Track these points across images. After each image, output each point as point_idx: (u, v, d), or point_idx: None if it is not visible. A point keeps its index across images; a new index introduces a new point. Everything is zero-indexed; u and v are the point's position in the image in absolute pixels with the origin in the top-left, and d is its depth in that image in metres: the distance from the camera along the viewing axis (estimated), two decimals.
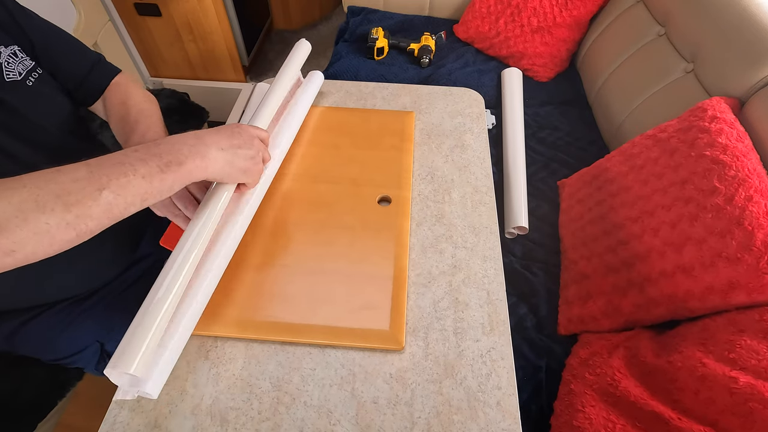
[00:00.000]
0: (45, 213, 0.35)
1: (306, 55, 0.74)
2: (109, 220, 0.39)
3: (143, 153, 0.41)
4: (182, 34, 1.61)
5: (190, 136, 0.45)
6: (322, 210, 0.63)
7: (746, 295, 0.56)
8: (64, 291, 0.66)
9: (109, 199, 0.37)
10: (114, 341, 0.69)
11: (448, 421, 0.47)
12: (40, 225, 0.35)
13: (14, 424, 0.77)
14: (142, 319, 0.42)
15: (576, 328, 0.77)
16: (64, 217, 0.35)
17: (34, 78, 0.54)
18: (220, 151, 0.46)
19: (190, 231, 0.47)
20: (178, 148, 0.43)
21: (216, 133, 0.48)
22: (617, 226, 0.76)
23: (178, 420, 0.46)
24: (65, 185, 0.36)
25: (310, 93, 0.75)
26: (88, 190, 0.37)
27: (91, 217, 0.37)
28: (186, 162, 0.43)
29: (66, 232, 0.36)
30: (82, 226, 0.37)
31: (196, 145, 0.44)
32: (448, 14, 1.53)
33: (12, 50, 0.52)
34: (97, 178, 0.37)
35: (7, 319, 0.65)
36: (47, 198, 0.35)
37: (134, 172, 0.39)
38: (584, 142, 1.16)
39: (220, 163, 0.46)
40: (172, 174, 0.41)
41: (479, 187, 0.68)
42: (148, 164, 0.40)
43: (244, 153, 0.49)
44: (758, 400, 0.47)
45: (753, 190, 0.58)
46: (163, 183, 0.41)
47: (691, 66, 0.92)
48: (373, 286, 0.55)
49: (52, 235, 0.35)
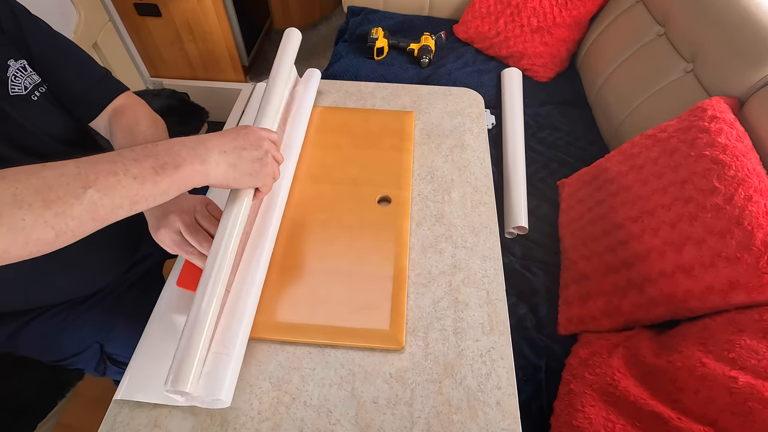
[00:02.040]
0: (21, 208, 0.32)
1: (297, 43, 0.70)
2: (94, 222, 0.36)
3: (138, 152, 0.38)
4: (182, 34, 1.61)
5: (192, 139, 0.43)
6: (322, 210, 0.63)
7: (746, 295, 0.56)
8: (64, 293, 0.66)
9: (93, 199, 0.35)
10: (114, 343, 0.69)
11: (448, 421, 0.47)
12: (15, 221, 0.32)
13: (15, 424, 0.77)
14: (189, 339, 0.43)
15: (576, 327, 0.77)
16: (42, 215, 0.33)
17: (39, 93, 0.53)
18: (223, 154, 0.44)
19: (219, 240, 0.47)
20: (177, 149, 0.40)
21: (220, 136, 0.45)
22: (617, 226, 0.76)
23: (177, 420, 0.46)
24: (48, 180, 0.33)
25: (311, 93, 0.75)
26: (71, 186, 0.34)
27: (72, 217, 0.34)
28: (183, 165, 0.40)
29: (43, 231, 0.33)
30: (61, 225, 0.34)
31: (196, 148, 0.42)
32: (447, 14, 1.54)
33: (21, 64, 0.52)
34: (84, 175, 0.35)
35: (7, 320, 0.65)
36: (26, 192, 0.32)
37: (125, 171, 0.36)
38: (584, 141, 1.16)
39: (222, 167, 0.43)
40: (168, 177, 0.39)
41: (479, 187, 0.68)
42: (142, 164, 0.37)
43: (249, 154, 0.46)
44: (758, 400, 0.47)
45: (752, 190, 0.58)
46: (156, 186, 0.38)
47: (690, 66, 0.92)
48: (373, 285, 0.55)
49: (28, 233, 0.32)
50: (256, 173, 0.47)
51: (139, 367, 0.49)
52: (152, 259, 0.78)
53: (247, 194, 0.50)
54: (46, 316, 0.66)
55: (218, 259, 0.46)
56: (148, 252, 0.77)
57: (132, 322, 0.68)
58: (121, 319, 0.69)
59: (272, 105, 0.61)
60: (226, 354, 0.45)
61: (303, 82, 0.75)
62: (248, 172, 0.46)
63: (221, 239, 0.47)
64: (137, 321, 0.54)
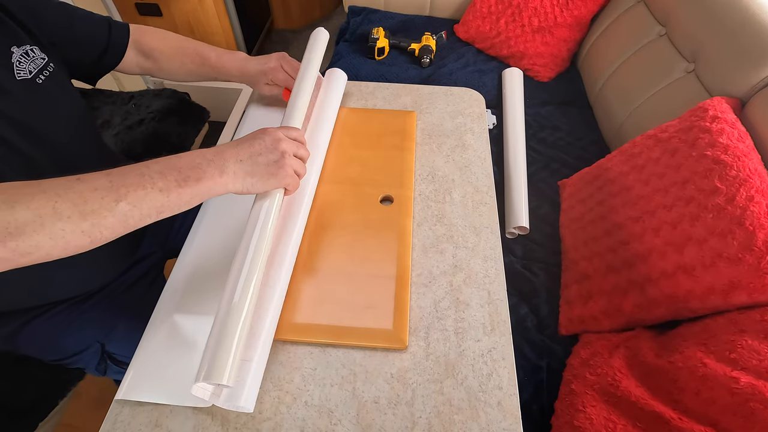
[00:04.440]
0: (61, 220, 0.36)
1: (325, 43, 0.73)
2: (124, 230, 0.40)
3: (163, 166, 0.42)
4: (183, 34, 1.61)
5: (211, 151, 0.46)
6: (325, 210, 0.63)
7: (747, 296, 0.56)
8: (65, 291, 0.66)
9: (125, 210, 0.39)
10: (115, 342, 0.69)
11: (449, 421, 0.47)
12: (56, 231, 0.36)
13: (16, 424, 0.78)
14: (223, 330, 0.43)
15: (577, 328, 0.77)
16: (79, 225, 0.37)
17: (45, 76, 0.55)
18: (239, 163, 0.46)
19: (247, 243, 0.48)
20: (198, 162, 0.44)
21: (236, 145, 0.48)
22: (618, 226, 0.76)
23: (179, 419, 0.46)
24: (84, 194, 0.37)
25: (336, 92, 0.74)
26: (105, 200, 0.38)
27: (105, 227, 0.38)
28: (204, 178, 0.43)
29: (80, 239, 0.37)
30: (96, 234, 0.38)
31: (215, 160, 0.45)
32: (448, 14, 1.54)
33: (24, 50, 0.53)
34: (116, 188, 0.39)
35: (8, 319, 0.65)
36: (65, 206, 0.36)
37: (153, 184, 0.40)
38: (585, 142, 1.16)
39: (240, 176, 0.46)
40: (189, 189, 0.42)
41: (480, 186, 0.68)
42: (167, 178, 0.41)
43: (265, 159, 0.48)
44: (759, 401, 0.47)
45: (754, 190, 0.58)
46: (180, 197, 0.42)
47: (692, 66, 0.92)
48: (375, 285, 0.55)
49: (67, 240, 0.37)
50: (275, 175, 0.49)
51: (141, 366, 0.49)
52: (153, 258, 0.78)
53: (276, 192, 0.51)
54: (46, 315, 0.66)
55: (251, 248, 0.47)
56: (149, 251, 0.77)
57: (133, 322, 0.68)
58: (122, 319, 0.69)
59: (300, 104, 0.62)
60: (248, 359, 0.45)
61: (326, 81, 0.75)
62: (266, 176, 0.49)
63: (253, 230, 0.48)
64: (138, 320, 0.54)
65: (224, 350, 0.41)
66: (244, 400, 0.43)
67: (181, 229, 0.82)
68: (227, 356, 0.41)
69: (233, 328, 0.43)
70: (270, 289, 0.50)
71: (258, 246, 0.48)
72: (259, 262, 0.47)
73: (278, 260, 0.52)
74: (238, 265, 0.47)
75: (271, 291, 0.50)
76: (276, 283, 0.50)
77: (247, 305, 0.44)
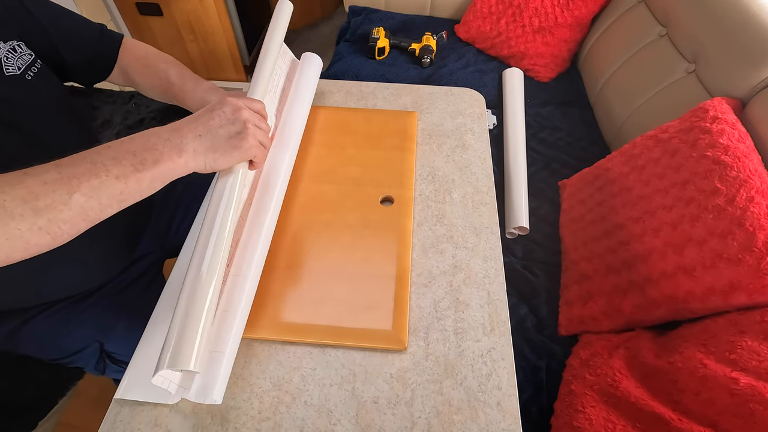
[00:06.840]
0: (14, 219, 0.34)
1: (289, 13, 0.68)
2: (86, 223, 0.38)
3: (116, 151, 0.39)
4: (183, 34, 1.61)
5: (167, 129, 0.43)
6: (325, 210, 0.63)
7: (747, 296, 0.56)
8: (63, 290, 0.66)
9: (81, 203, 0.36)
10: (113, 341, 0.69)
11: (449, 422, 0.47)
12: (11, 231, 0.34)
13: (15, 423, 0.78)
14: (187, 314, 0.40)
15: (576, 328, 0.77)
16: (35, 222, 0.34)
17: (33, 72, 0.54)
18: (198, 139, 0.43)
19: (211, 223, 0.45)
20: (153, 143, 0.40)
21: (194, 119, 0.44)
22: (618, 227, 0.76)
23: (178, 419, 0.46)
24: (32, 189, 0.35)
25: (309, 75, 0.72)
26: (58, 193, 0.35)
27: (64, 221, 0.36)
28: (161, 160, 0.40)
29: (40, 237, 0.35)
30: (56, 230, 0.36)
31: (171, 139, 0.41)
32: (449, 14, 1.53)
33: (11, 45, 0.52)
34: (67, 180, 0.36)
35: (7, 318, 0.65)
36: (14, 204, 0.34)
37: (107, 172, 0.37)
38: (585, 142, 1.16)
39: (201, 153, 0.43)
40: (148, 173, 0.39)
41: (480, 187, 0.68)
42: (122, 163, 0.38)
43: (226, 131, 0.45)
44: (759, 402, 0.47)
45: (754, 191, 0.58)
46: (140, 183, 0.39)
47: (692, 66, 0.92)
48: (375, 285, 0.55)
49: (26, 239, 0.35)
50: (238, 147, 0.45)
51: (140, 366, 0.49)
52: (152, 258, 0.77)
53: (238, 167, 0.49)
54: (45, 314, 0.66)
55: (216, 227, 0.44)
56: (147, 250, 0.77)
57: (132, 321, 0.68)
58: (121, 318, 0.69)
59: (263, 76, 0.60)
60: (219, 351, 0.44)
61: (301, 64, 0.73)
62: (229, 149, 0.45)
63: (216, 209, 0.45)
64: (137, 320, 0.54)
65: (190, 334, 0.39)
66: (217, 392, 0.43)
67: (181, 229, 0.82)
68: (193, 340, 0.39)
69: (198, 310, 0.40)
70: (241, 278, 0.48)
71: (223, 225, 0.45)
72: (225, 241, 0.44)
73: (251, 248, 0.50)
74: (201, 248, 0.44)
75: (242, 280, 0.48)
76: (248, 271, 0.49)
77: (213, 287, 0.42)
